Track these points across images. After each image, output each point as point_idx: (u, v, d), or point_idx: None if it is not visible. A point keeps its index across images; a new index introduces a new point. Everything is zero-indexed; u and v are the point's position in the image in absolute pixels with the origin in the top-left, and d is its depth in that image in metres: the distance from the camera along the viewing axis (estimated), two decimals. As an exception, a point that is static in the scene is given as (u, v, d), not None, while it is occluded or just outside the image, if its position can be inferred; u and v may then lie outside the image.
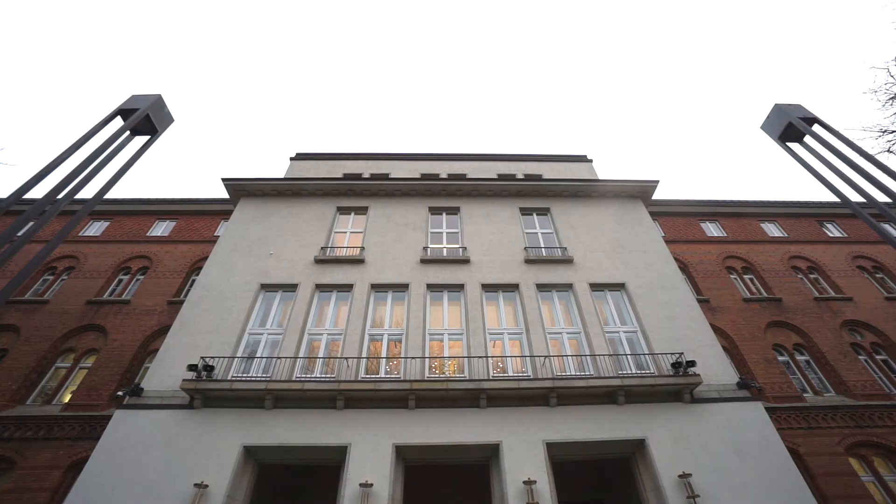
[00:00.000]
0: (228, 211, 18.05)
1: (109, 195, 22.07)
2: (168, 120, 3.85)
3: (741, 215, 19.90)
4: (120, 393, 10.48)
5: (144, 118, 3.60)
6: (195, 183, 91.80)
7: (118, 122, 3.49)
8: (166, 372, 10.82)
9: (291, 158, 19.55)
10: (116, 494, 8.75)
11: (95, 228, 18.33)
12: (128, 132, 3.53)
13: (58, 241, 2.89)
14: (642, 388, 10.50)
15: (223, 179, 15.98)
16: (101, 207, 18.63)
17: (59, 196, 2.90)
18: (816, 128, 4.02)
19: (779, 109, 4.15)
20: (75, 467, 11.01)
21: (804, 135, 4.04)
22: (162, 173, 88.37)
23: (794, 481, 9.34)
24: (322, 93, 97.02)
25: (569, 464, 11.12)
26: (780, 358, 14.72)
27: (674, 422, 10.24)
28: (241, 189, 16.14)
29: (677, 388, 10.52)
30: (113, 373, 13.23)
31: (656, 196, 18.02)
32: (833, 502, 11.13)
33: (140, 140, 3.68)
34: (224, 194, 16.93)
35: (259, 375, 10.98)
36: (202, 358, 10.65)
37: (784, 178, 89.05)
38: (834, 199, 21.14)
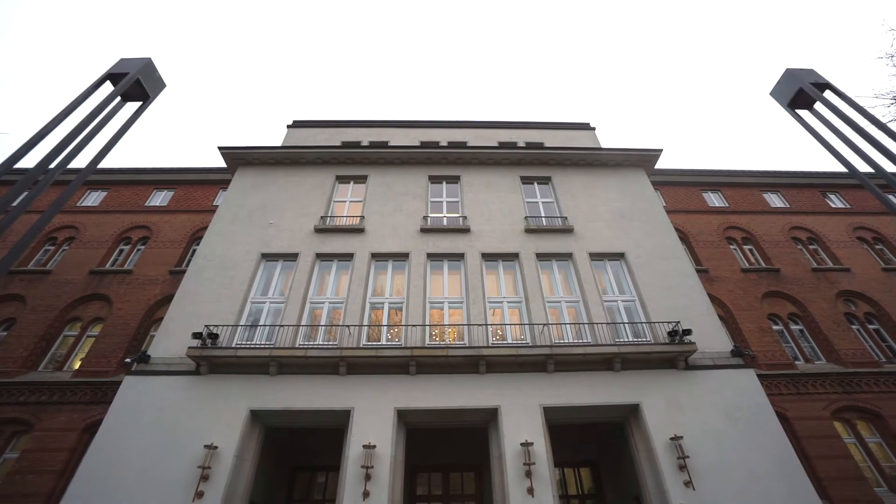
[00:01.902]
0: (227, 180, 17.86)
1: (105, 164, 21.80)
2: (160, 85, 3.73)
3: (744, 185, 19.69)
4: (128, 360, 10.74)
5: (135, 83, 3.49)
6: (192, 152, 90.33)
7: (108, 88, 3.39)
8: (171, 340, 11.05)
9: (289, 126, 19.15)
10: (131, 455, 9.16)
11: (93, 199, 18.20)
12: (119, 98, 3.43)
13: (54, 210, 2.87)
14: (638, 356, 10.75)
15: (220, 148, 15.72)
16: (97, 177, 18.42)
17: (52, 165, 2.85)
18: (828, 94, 3.90)
19: (790, 75, 4.01)
20: (90, 429, 11.44)
21: (814, 102, 3.92)
22: (158, 143, 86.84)
23: (780, 443, 9.74)
24: (319, 59, 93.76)
25: (565, 427, 11.55)
26: (775, 327, 14.98)
27: (668, 388, 10.56)
28: (238, 158, 15.90)
29: (672, 355, 10.77)
30: (120, 340, 13.50)
31: (659, 165, 17.79)
32: (815, 462, 11.64)
33: (132, 106, 3.58)
34: (222, 163, 16.69)
35: (263, 343, 11.22)
36: (206, 326, 10.84)
37: (788, 149, 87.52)
38: (838, 169, 20.91)
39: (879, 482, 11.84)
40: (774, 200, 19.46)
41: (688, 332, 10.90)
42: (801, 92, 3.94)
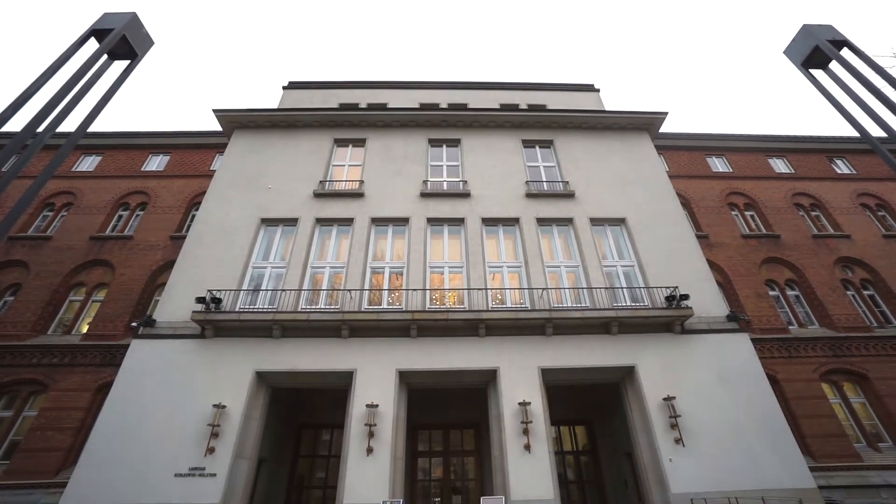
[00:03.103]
0: (223, 144, 17.49)
1: (99, 128, 21.29)
2: (147, 42, 3.57)
3: (749, 150, 19.30)
4: (134, 324, 10.96)
5: (121, 40, 3.34)
6: (187, 116, 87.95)
7: (93, 46, 3.24)
8: (176, 304, 11.22)
9: (284, 87, 18.55)
10: (143, 414, 9.54)
11: (88, 163, 17.91)
12: (105, 56, 3.29)
13: (48, 174, 2.82)
14: (635, 320, 10.95)
15: (215, 111, 15.31)
16: (90, 141, 18.04)
17: (40, 129, 2.77)
18: (845, 53, 3.73)
19: (806, 31, 3.83)
20: (102, 390, 11.85)
21: (829, 61, 3.76)
22: (151, 106, 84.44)
23: (768, 404, 10.13)
24: (315, 15, 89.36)
25: (562, 388, 11.97)
26: (772, 293, 15.15)
27: (663, 351, 10.83)
28: (233, 121, 15.52)
29: (669, 319, 10.97)
30: (125, 305, 13.71)
31: (663, 129, 17.36)
32: (801, 420, 12.13)
33: (120, 66, 3.45)
34: (217, 127, 16.30)
35: (265, 307, 11.40)
36: (209, 291, 10.98)
37: (796, 114, 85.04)
38: (845, 133, 20.44)
39: (859, 438, 12.40)
40: (779, 166, 19.15)
41: (685, 297, 11.04)
42: (816, 50, 3.77)
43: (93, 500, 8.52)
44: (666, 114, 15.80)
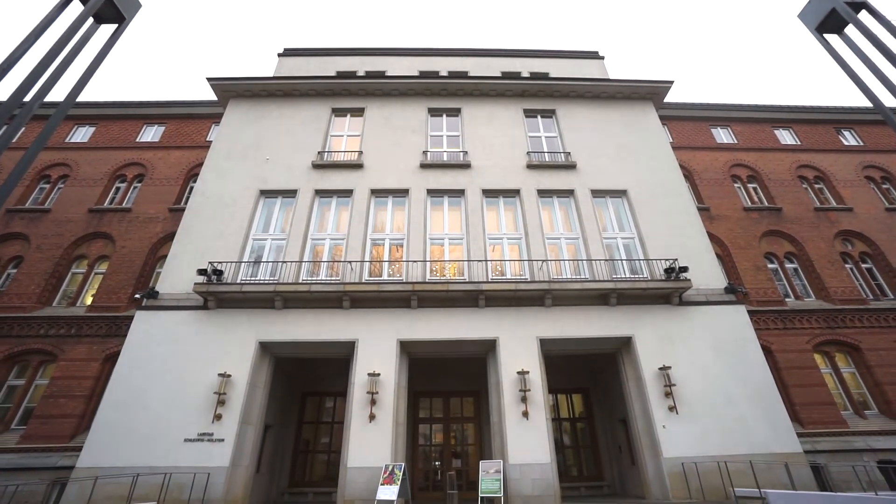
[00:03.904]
0: (219, 114, 17.10)
1: (90, 98, 20.74)
2: (134, 5, 3.42)
3: (755, 121, 18.90)
4: (137, 296, 11.07)
5: (106, 2, 3.20)
6: (181, 85, 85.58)
7: (77, 8, 3.11)
8: (177, 276, 11.30)
9: (279, 55, 17.97)
10: (150, 382, 9.79)
11: (82, 134, 17.58)
12: (91, 20, 3.16)
13: (40, 143, 2.76)
14: (634, 291, 11.05)
15: (209, 79, 14.90)
16: (82, 111, 17.65)
17: (27, 98, 2.70)
18: (863, 16, 3.59)
19: (823, -8, 3.66)
20: (110, 359, 12.11)
21: (845, 25, 3.62)
22: (144, 75, 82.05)
23: (761, 373, 10.38)
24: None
25: (560, 357, 12.23)
26: (770, 265, 15.22)
27: (661, 322, 10.99)
28: (228, 90, 15.13)
29: (667, 291, 11.07)
30: (127, 277, 13.80)
31: (667, 99, 16.93)
32: (791, 389, 12.45)
33: (107, 30, 3.32)
34: (212, 96, 15.92)
35: (267, 279, 11.49)
36: (210, 263, 11.03)
37: (803, 85, 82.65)
38: (854, 104, 19.98)
39: (847, 406, 12.78)
40: (785, 137, 18.81)
41: (684, 269, 11.10)
42: (832, 13, 3.62)
43: (108, 463, 8.88)
44: (671, 83, 15.39)
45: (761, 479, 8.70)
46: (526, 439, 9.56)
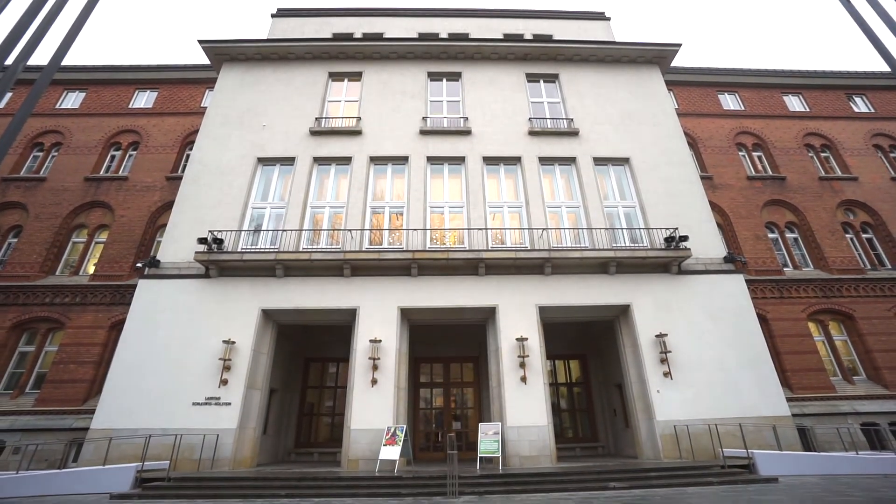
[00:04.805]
0: (213, 79, 16.61)
1: (79, 62, 20.05)
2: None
3: (764, 86, 18.38)
4: (139, 265, 11.12)
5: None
6: (174, 50, 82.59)
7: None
8: (178, 245, 11.33)
9: (273, 16, 17.26)
10: (157, 349, 10.01)
11: (72, 100, 17.15)
12: (76, -30, 3.02)
13: (28, 107, 2.67)
14: (633, 260, 11.11)
15: (200, 42, 14.40)
16: (72, 76, 17.14)
17: (8, 61, 2.60)
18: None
19: (845, -58, 3.47)
20: (116, 327, 12.32)
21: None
22: (134, 39, 78.94)
23: (755, 341, 10.60)
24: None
25: (558, 324, 12.44)
26: (771, 235, 15.22)
27: (659, 290, 11.11)
28: (221, 53, 14.64)
29: (667, 260, 11.13)
30: (128, 246, 13.83)
31: (674, 63, 16.38)
32: (784, 356, 12.74)
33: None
34: (205, 60, 15.41)
35: (267, 247, 11.52)
36: (210, 231, 11.03)
37: (816, 51, 79.68)
38: (868, 69, 19.36)
39: (836, 372, 13.12)
40: (794, 104, 18.35)
41: (684, 238, 11.11)
42: (853, -35, 3.45)
43: (120, 425, 9.22)
44: (679, 45, 14.87)
45: (750, 440, 9.06)
46: (524, 403, 9.87)
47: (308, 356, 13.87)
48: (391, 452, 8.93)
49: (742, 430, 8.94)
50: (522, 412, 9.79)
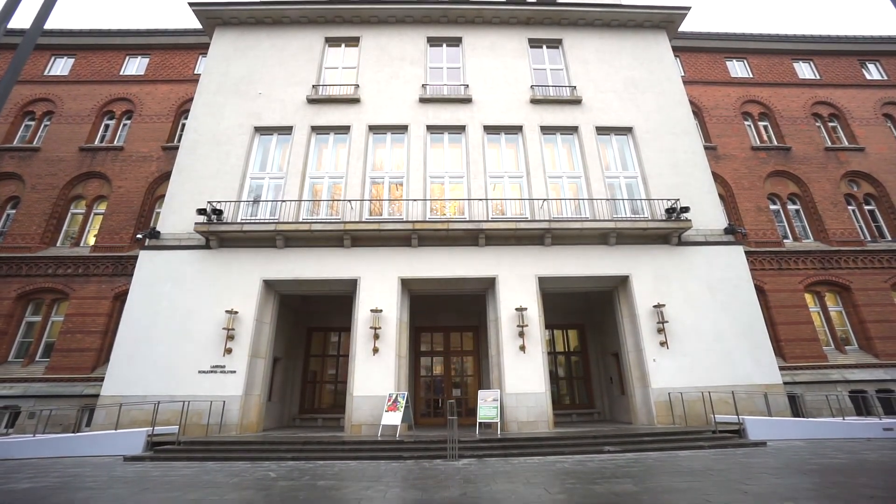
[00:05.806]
0: (205, 44, 16.07)
1: (65, 25, 19.33)
2: None
3: (774, 52, 17.79)
4: (139, 236, 11.11)
5: None
6: (164, 13, 79.34)
7: None
8: (177, 216, 11.29)
9: (265, -25, 16.46)
10: (160, 319, 10.16)
11: (61, 67, 16.64)
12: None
13: (14, 73, 2.62)
14: (634, 231, 11.10)
15: (191, 4, 13.84)
16: (58, 40, 16.57)
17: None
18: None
19: None
20: (120, 297, 12.45)
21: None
22: (122, 4, 75.65)
23: (751, 312, 10.74)
24: None
25: (557, 294, 12.56)
26: (772, 206, 15.13)
27: (658, 261, 11.16)
28: (213, 17, 14.11)
29: (667, 231, 11.12)
30: (127, 217, 13.78)
31: (681, 28, 15.80)
32: (779, 327, 12.93)
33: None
34: (197, 25, 14.85)
35: (267, 218, 11.49)
36: (209, 202, 10.97)
37: (831, 17, 76.48)
38: (883, 34, 18.63)
39: (829, 342, 13.35)
40: (804, 71, 17.80)
41: (685, 209, 11.06)
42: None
43: (129, 392, 9.48)
44: (688, 9, 14.31)
45: (741, 407, 9.34)
46: (522, 371, 10.11)
47: (311, 326, 14.08)
48: (393, 418, 9.21)
49: (734, 397, 9.20)
50: (521, 380, 10.04)
